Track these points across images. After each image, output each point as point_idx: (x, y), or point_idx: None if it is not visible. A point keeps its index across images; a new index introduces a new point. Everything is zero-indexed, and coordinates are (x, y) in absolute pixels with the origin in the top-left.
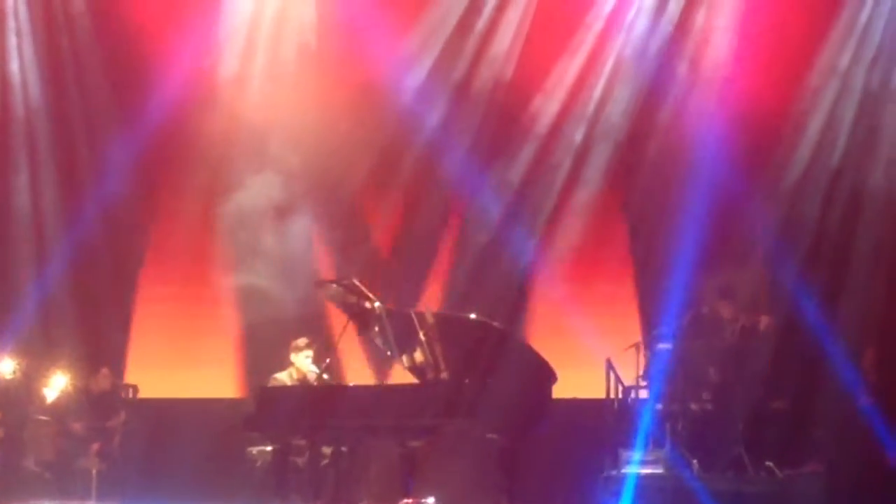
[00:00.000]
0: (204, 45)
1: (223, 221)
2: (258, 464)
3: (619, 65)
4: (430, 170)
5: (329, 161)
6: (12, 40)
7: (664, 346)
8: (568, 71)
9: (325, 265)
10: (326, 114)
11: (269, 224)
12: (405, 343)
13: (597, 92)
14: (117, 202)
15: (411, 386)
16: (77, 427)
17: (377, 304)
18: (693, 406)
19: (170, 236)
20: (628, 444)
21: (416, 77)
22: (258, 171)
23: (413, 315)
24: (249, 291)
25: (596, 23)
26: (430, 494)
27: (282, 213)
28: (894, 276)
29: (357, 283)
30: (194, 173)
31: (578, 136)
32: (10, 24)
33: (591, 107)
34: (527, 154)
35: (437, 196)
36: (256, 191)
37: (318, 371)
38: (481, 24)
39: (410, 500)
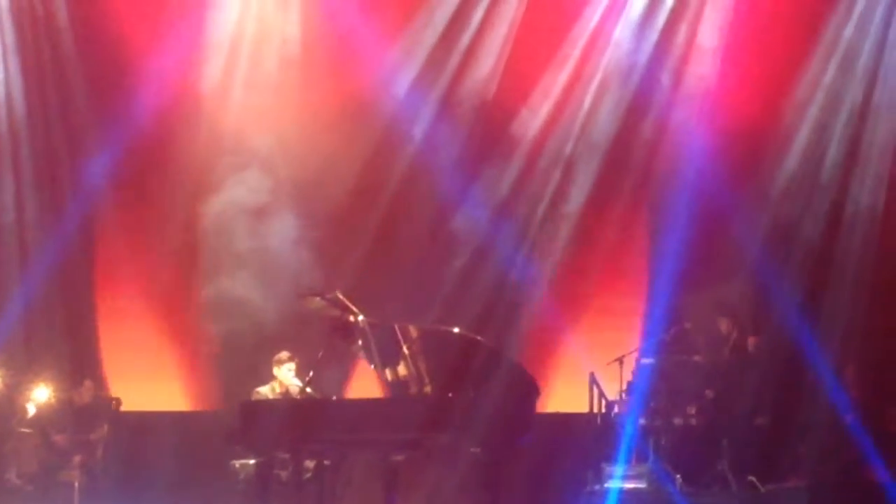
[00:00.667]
0: (188, 58)
1: (207, 226)
2: (241, 477)
3: (604, 79)
4: (417, 181)
5: (315, 172)
6: None
7: (648, 360)
8: (553, 85)
9: (309, 276)
10: (312, 124)
11: (253, 232)
12: (389, 357)
13: (583, 106)
14: (100, 214)
15: (395, 400)
16: (60, 439)
17: (360, 317)
18: (677, 421)
19: (153, 248)
20: (612, 458)
21: (401, 88)
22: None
23: (397, 329)
24: (231, 300)
25: (581, 37)
26: None
27: (266, 222)
28: (877, 293)
29: (340, 296)
30: (177, 186)
31: (564, 150)
32: None
33: (577, 121)
34: (512, 168)
35: (425, 207)
36: (241, 196)
37: (300, 384)
38: (467, 37)
39: None
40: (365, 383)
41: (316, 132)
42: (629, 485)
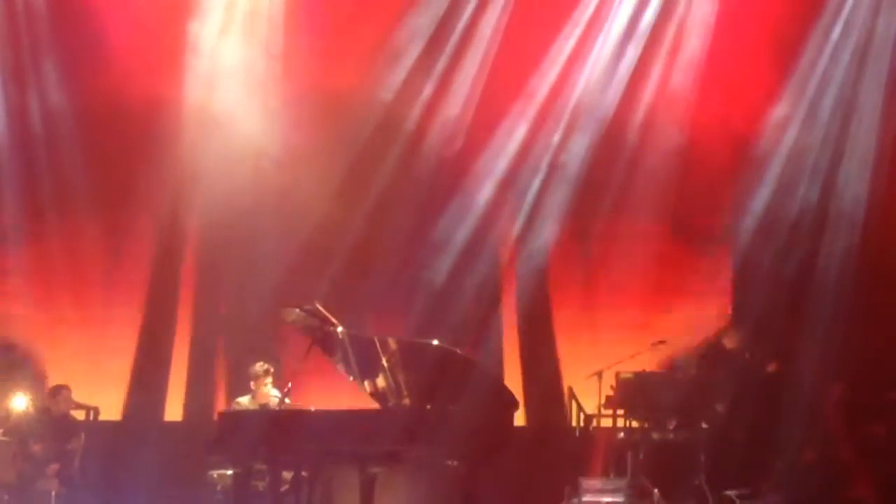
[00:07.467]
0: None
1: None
2: (218, 488)
3: (576, 110)
4: (402, 186)
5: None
6: None
7: (626, 375)
8: (525, 113)
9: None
10: (293, 123)
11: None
12: (368, 368)
13: (555, 137)
14: (79, 222)
15: (373, 411)
16: (37, 449)
17: (339, 329)
18: (654, 435)
19: (132, 256)
20: (589, 472)
21: (387, 88)
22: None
23: (376, 341)
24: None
25: (554, 68)
26: None
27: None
28: (869, 309)
29: (319, 307)
30: (157, 190)
31: (537, 175)
32: None
33: (549, 151)
34: (489, 186)
35: (407, 214)
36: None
37: (279, 395)
38: (449, 48)
39: None
40: (343, 395)
41: (298, 130)
42: (606, 499)
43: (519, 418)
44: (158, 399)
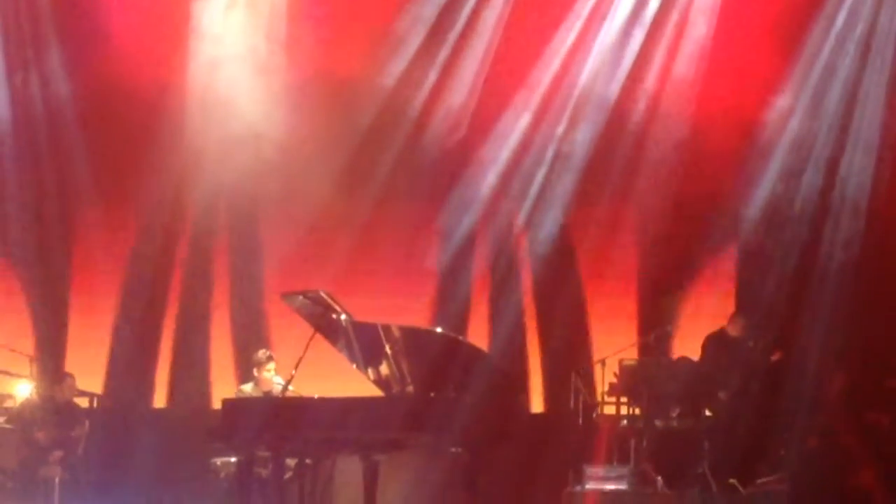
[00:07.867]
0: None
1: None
2: (222, 475)
3: (580, 99)
4: (405, 174)
5: (298, 160)
6: None
7: (630, 362)
8: (529, 102)
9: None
10: (296, 109)
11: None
12: (371, 356)
13: (559, 126)
14: (81, 207)
15: (376, 399)
16: (41, 436)
17: (343, 316)
18: (658, 423)
19: (134, 244)
20: (593, 459)
21: (390, 76)
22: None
23: (379, 328)
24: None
25: (557, 56)
26: None
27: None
28: (873, 297)
29: (323, 294)
30: (158, 178)
31: (544, 158)
32: None
33: (555, 133)
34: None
35: (410, 202)
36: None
37: (282, 383)
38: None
39: None
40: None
41: (301, 116)
42: (610, 486)
43: (537, 405)
44: (148, 386)
